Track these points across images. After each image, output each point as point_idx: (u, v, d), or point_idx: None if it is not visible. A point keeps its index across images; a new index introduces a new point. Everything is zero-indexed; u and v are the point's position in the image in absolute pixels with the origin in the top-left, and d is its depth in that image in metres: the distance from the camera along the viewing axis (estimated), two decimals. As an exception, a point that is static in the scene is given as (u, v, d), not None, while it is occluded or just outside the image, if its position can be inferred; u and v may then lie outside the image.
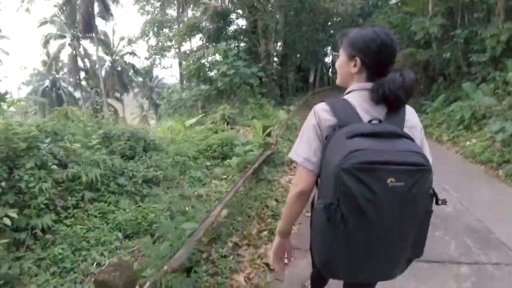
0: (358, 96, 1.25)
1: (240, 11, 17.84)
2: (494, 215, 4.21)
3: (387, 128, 1.12)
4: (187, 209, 3.24)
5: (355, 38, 1.28)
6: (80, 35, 27.46)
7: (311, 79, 34.30)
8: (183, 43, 21.78)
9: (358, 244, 1.08)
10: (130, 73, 34.89)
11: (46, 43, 27.09)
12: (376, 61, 1.24)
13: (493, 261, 3.17)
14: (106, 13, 26.87)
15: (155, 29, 21.59)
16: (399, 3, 18.39)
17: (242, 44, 18.40)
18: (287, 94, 21.95)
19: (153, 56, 23.16)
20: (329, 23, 32.89)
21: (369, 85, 1.24)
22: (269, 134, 5.56)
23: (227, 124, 8.42)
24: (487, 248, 3.40)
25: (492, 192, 5.26)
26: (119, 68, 34.14)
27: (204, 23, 16.85)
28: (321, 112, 1.24)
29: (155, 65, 24.19)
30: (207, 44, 16.20)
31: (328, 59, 36.79)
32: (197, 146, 5.68)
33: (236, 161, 4.55)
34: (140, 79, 36.84)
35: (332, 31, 35.99)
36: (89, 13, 24.55)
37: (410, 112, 1.34)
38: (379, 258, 1.12)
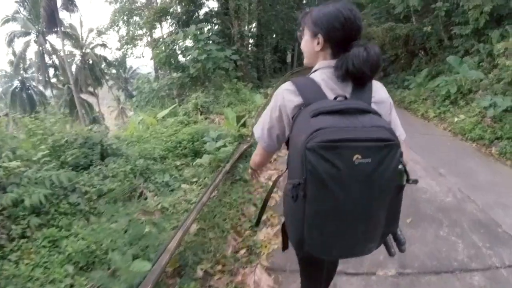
0: (323, 74, 1.23)
1: (210, -8, 16.87)
2: (496, 201, 3.85)
3: (351, 104, 1.11)
4: (147, 229, 2.64)
5: (317, 16, 1.25)
6: (46, 31, 25.61)
7: (288, 59, 33.52)
8: (154, 31, 20.67)
9: (327, 221, 1.08)
10: (102, 66, 33.33)
11: (10, 42, 25.17)
12: (339, 37, 1.21)
13: (506, 263, 2.75)
14: (70, 5, 25.09)
15: (125, 17, 20.27)
16: None
17: (215, 28, 17.52)
18: (264, 76, 21.25)
19: (124, 46, 21.95)
20: (304, 1, 32.09)
21: (333, 62, 1.22)
22: (244, 124, 4.96)
23: (201, 114, 7.75)
24: (497, 246, 2.97)
25: (489, 173, 4.88)
26: (90, 62, 32.45)
27: (173, 8, 15.82)
28: (286, 92, 1.22)
29: (127, 56, 22.99)
30: (177, 29, 15.19)
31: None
32: (165, 143, 5.02)
33: (207, 160, 3.93)
34: (114, 71, 35.24)
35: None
36: (51, 6, 22.77)
37: (377, 87, 1.30)
38: (350, 234, 1.12)
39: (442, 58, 11.61)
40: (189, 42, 12.03)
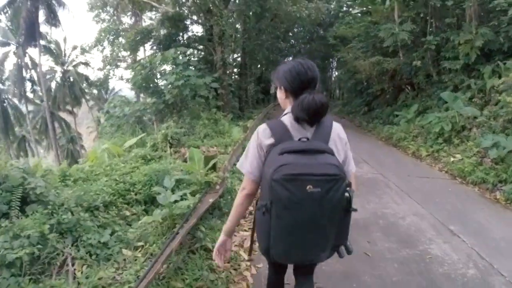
0: (289, 117, 1.55)
1: (195, 17, 16.36)
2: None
3: (310, 145, 1.43)
4: None
5: (278, 72, 1.65)
6: (26, 43, 24.45)
7: (272, 90, 33.13)
8: (138, 54, 19.95)
9: (287, 233, 1.40)
10: (83, 85, 32.15)
11: (-12, 51, 23.85)
12: (295, 87, 1.55)
13: None
14: (52, 19, 24.22)
15: (110, 38, 19.50)
16: (362, 13, 18.01)
17: (197, 53, 16.93)
18: (246, 106, 20.58)
19: (107, 67, 21.05)
20: (290, 34, 32.31)
21: None
22: (214, 167, 4.02)
23: (171, 147, 6.82)
24: None
25: (502, 226, 4.17)
26: (71, 79, 31.28)
27: (155, 30, 15.20)
28: (262, 133, 1.55)
29: (109, 77, 22.05)
30: (157, 52, 14.47)
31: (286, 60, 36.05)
32: (116, 184, 4.02)
33: (159, 218, 2.93)
34: (95, 91, 34.00)
35: (293, 41, 35.53)
36: (31, 18, 21.85)
37: (336, 128, 1.60)
38: (305, 244, 1.44)
39: (430, 94, 11.24)
40: (168, 66, 11.24)
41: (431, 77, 11.39)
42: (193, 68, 11.37)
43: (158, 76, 11.56)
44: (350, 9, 25.03)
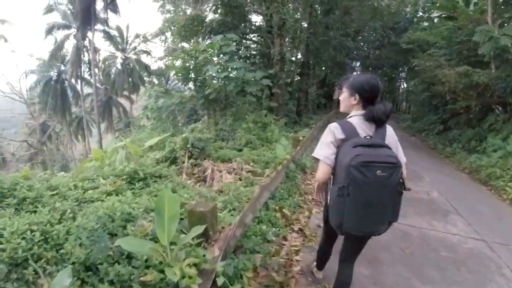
0: (357, 119, 2.08)
1: (255, 6, 14.51)
2: None
3: (375, 141, 1.93)
4: None
5: (354, 81, 2.13)
6: (86, 27, 24.89)
7: (335, 96, 30.40)
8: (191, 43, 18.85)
9: (358, 208, 1.86)
10: (143, 73, 32.40)
11: (49, 31, 24.64)
12: (368, 97, 2.08)
13: None
14: (109, 4, 24.35)
15: (173, 28, 18.66)
16: (443, 18, 15.29)
17: (253, 46, 15.09)
18: (305, 111, 18.17)
19: (166, 57, 20.30)
20: (359, 36, 29.24)
21: (362, 112, 2.10)
22: (206, 232, 1.95)
23: (190, 157, 5.00)
24: None
25: None
26: (131, 66, 31.66)
27: (208, 17, 13.66)
28: (335, 129, 2.05)
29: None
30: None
31: (355, 74, 33.06)
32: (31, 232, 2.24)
33: None
34: (155, 80, 34.12)
35: (362, 44, 32.33)
36: (88, 2, 22.00)
37: (389, 129, 2.12)
38: (371, 218, 1.92)
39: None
40: (214, 56, 9.49)
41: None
42: (241, 60, 9.45)
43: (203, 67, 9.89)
44: (427, 15, 22.35)
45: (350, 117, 2.11)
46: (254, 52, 14.63)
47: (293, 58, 18.44)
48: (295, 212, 4.47)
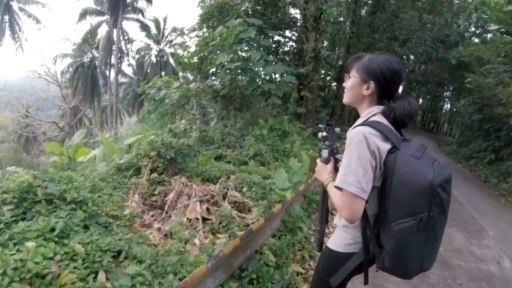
0: (383, 118, 1.34)
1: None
2: None
3: (424, 150, 1.28)
4: None
5: (370, 63, 1.36)
6: (115, 15, 24.57)
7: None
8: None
9: (433, 241, 1.26)
10: (178, 68, 31.87)
11: (82, 16, 24.51)
12: (389, 87, 1.36)
13: None
14: None
15: (210, 24, 17.58)
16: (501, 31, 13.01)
17: (283, 40, 13.42)
18: (340, 121, 16.16)
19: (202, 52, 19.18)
20: (405, 46, 26.58)
21: (381, 108, 1.37)
22: None
23: (153, 170, 3.45)
24: None
25: None
26: (165, 59, 31.18)
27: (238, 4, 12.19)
28: (374, 137, 1.26)
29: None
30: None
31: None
32: None
33: None
34: (189, 75, 33.42)
35: (409, 55, 29.60)
36: None
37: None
38: (436, 247, 1.32)
39: None
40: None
41: None
42: (259, 47, 7.83)
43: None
44: (479, 30, 19.90)
45: (373, 115, 1.37)
46: (287, 48, 12.96)
47: (331, 60, 16.52)
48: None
